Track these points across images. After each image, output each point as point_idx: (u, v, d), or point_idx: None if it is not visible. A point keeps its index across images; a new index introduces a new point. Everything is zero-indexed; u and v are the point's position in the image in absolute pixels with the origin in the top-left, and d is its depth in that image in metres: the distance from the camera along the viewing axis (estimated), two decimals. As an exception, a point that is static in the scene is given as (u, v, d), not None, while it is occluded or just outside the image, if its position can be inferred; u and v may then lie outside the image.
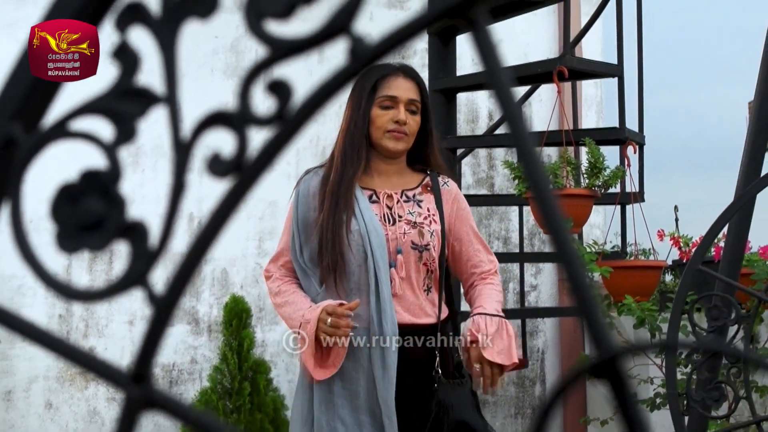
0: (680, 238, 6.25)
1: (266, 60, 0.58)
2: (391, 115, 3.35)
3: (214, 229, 0.58)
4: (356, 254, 3.32)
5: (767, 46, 3.52)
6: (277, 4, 0.59)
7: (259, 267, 6.43)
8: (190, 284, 0.61)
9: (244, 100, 0.59)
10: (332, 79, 0.56)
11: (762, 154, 3.61)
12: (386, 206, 3.41)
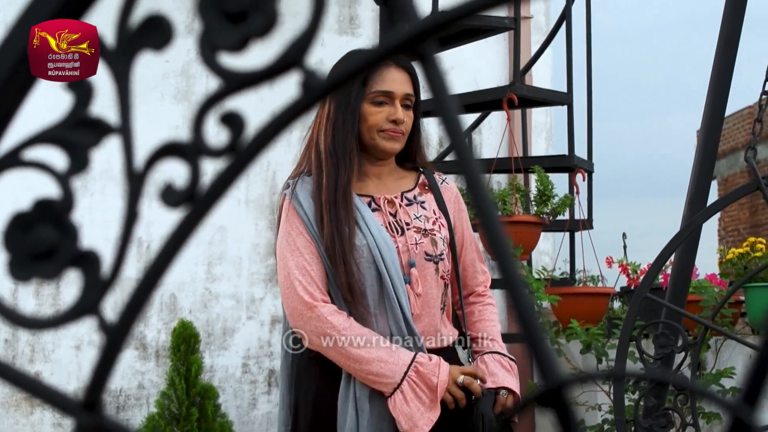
0: (628, 265, 6.30)
1: (219, 92, 0.59)
2: (386, 113, 2.98)
3: (165, 260, 0.58)
4: (366, 272, 2.91)
5: (713, 76, 3.56)
6: (231, 37, 0.59)
7: (208, 292, 6.41)
8: (141, 313, 0.61)
9: (197, 131, 0.60)
10: (285, 112, 0.57)
11: (708, 182, 3.65)
12: (389, 213, 3.02)
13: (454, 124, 0.54)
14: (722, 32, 3.53)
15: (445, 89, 0.55)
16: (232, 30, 0.60)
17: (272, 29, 0.61)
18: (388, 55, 0.54)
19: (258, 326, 6.48)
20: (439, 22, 0.54)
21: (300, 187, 3.00)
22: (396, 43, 0.53)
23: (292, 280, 2.91)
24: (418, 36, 0.54)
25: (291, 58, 0.58)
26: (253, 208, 6.58)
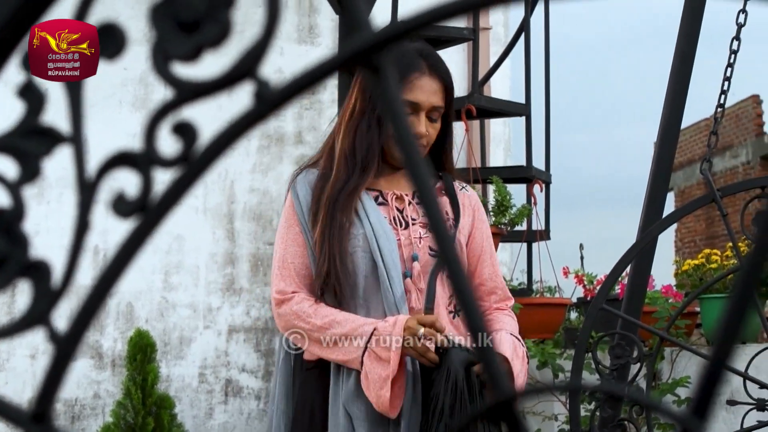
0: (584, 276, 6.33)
1: (172, 102, 0.59)
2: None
3: (116, 270, 0.58)
4: (361, 263, 2.78)
5: (669, 90, 3.59)
6: (184, 47, 0.59)
7: (165, 301, 6.38)
8: (92, 323, 0.61)
9: (149, 141, 0.59)
10: (237, 123, 0.56)
11: (664, 194, 3.68)
12: (396, 209, 2.89)
13: (406, 135, 0.54)
14: (678, 47, 3.56)
15: (398, 101, 0.55)
16: (185, 39, 0.59)
17: (226, 39, 0.60)
18: (341, 66, 0.54)
19: (215, 336, 6.46)
20: (393, 33, 0.54)
21: (303, 178, 2.93)
22: (349, 54, 0.53)
23: (272, 274, 2.91)
24: (371, 47, 0.54)
25: (244, 68, 0.57)
26: (211, 216, 6.56)
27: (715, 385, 0.54)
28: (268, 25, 0.58)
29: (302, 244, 2.86)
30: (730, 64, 3.49)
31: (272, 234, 6.64)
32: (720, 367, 0.54)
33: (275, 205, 6.67)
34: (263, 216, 6.64)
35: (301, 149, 6.78)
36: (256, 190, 6.65)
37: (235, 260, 6.57)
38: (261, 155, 6.69)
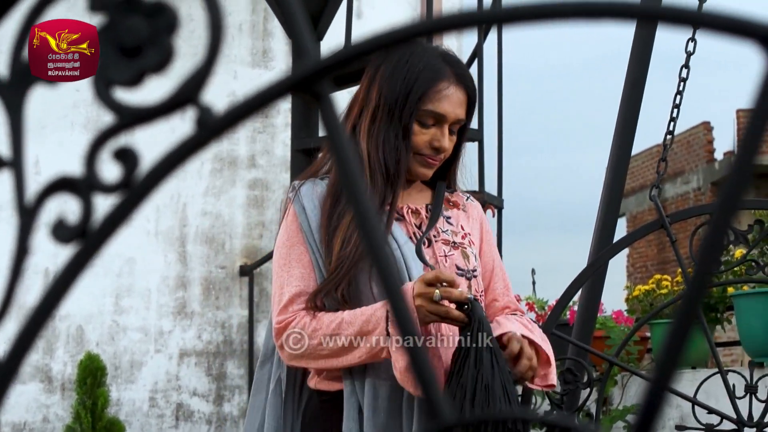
0: (535, 302, 6.35)
1: (113, 127, 0.58)
2: (431, 137, 2.56)
3: (55, 297, 0.57)
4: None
5: (620, 116, 3.61)
6: (126, 72, 0.59)
7: (116, 324, 6.34)
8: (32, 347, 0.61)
9: (90, 166, 0.59)
10: (179, 149, 0.56)
11: (614, 220, 3.70)
12: (413, 224, 2.62)
13: (347, 162, 0.54)
14: (629, 74, 3.59)
15: (339, 128, 0.55)
16: (127, 65, 0.59)
17: (168, 65, 0.60)
18: (284, 92, 0.54)
19: (166, 360, 6.42)
20: (333, 61, 0.54)
21: (309, 189, 2.59)
22: (289, 83, 0.53)
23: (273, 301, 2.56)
24: (312, 75, 0.54)
25: (186, 94, 0.57)
26: (163, 239, 6.52)
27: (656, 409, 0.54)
28: (210, 53, 0.58)
29: (308, 265, 2.52)
30: (680, 91, 3.52)
31: (224, 257, 6.62)
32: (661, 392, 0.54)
33: (228, 228, 6.65)
34: (216, 239, 6.62)
35: (254, 173, 6.76)
36: (209, 214, 6.63)
37: (187, 284, 6.54)
38: (214, 178, 6.68)
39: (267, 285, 6.70)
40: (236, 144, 6.75)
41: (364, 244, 0.54)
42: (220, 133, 0.57)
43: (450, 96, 2.58)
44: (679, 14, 0.52)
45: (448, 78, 2.59)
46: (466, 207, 2.77)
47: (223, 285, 6.61)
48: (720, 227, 0.51)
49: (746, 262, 3.49)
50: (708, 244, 0.52)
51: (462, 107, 2.61)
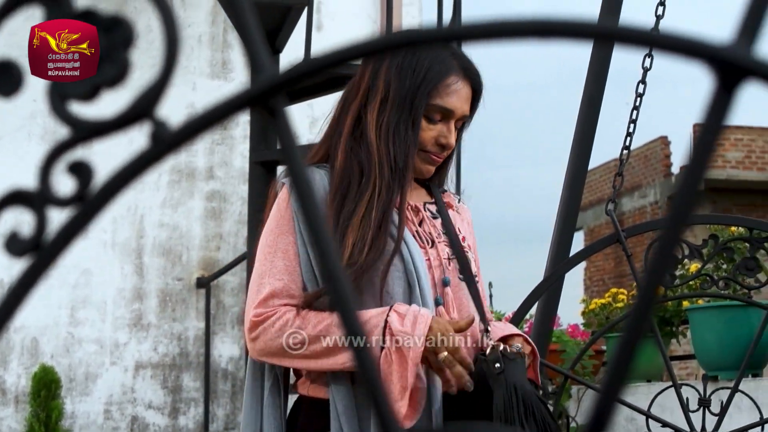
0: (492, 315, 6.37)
1: (68, 141, 0.59)
2: (437, 133, 2.44)
3: (9, 309, 0.57)
4: (396, 285, 2.32)
5: (577, 132, 3.64)
6: (81, 86, 0.59)
7: (71, 336, 6.30)
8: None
9: (44, 180, 0.59)
10: (133, 163, 0.56)
11: (571, 233, 3.72)
12: (414, 223, 2.46)
13: (301, 178, 0.55)
14: (586, 91, 3.61)
15: (294, 144, 0.55)
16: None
17: (124, 79, 0.60)
18: (238, 108, 0.54)
19: (121, 372, 6.38)
20: (288, 77, 0.54)
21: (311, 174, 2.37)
22: (243, 99, 0.54)
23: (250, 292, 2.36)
24: (267, 91, 0.54)
25: (141, 109, 0.57)
26: (120, 251, 6.50)
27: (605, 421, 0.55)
28: (165, 67, 0.58)
29: (294, 258, 2.34)
30: (636, 106, 3.55)
31: (181, 269, 6.60)
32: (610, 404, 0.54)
33: (185, 240, 6.63)
34: (173, 251, 6.59)
35: (212, 184, 6.75)
36: (166, 225, 6.61)
37: (143, 295, 6.51)
38: (171, 190, 6.66)
39: (224, 297, 6.68)
40: (194, 155, 6.74)
41: (319, 264, 0.54)
42: (175, 148, 0.57)
43: (459, 91, 2.47)
44: (634, 34, 0.52)
45: (457, 72, 2.47)
46: (459, 209, 2.64)
47: (180, 297, 6.59)
48: (668, 243, 0.52)
49: (701, 276, 3.52)
50: (656, 259, 0.52)
51: (468, 102, 2.49)
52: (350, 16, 7.37)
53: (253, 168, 4.99)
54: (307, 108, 6.94)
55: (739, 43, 0.51)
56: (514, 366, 2.24)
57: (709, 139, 0.52)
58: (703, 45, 0.50)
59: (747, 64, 0.50)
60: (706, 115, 0.52)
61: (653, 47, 0.53)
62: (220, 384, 6.60)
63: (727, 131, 11.15)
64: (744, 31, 0.52)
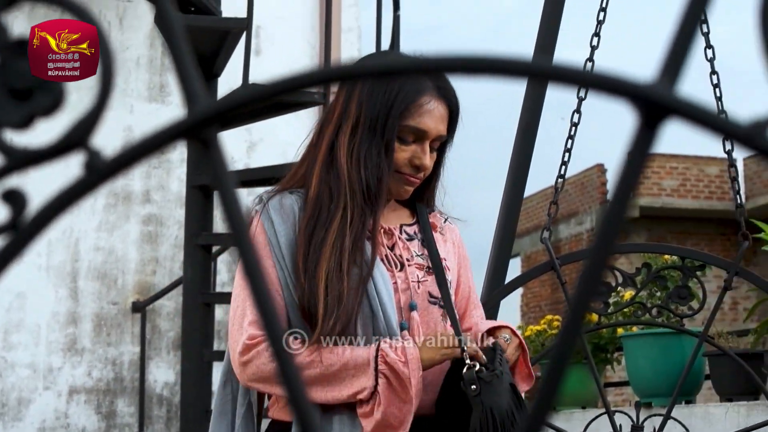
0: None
1: (1, 170, 0.59)
2: (410, 154, 2.40)
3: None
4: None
5: (513, 159, 3.66)
6: (15, 115, 0.59)
7: (4, 360, 6.22)
8: None
9: (-24, 208, 0.59)
10: (67, 192, 0.57)
11: (506, 260, 3.74)
12: (386, 246, 2.43)
13: (233, 209, 0.55)
14: (522, 118, 3.64)
15: (227, 175, 0.56)
16: (17, 107, 0.60)
17: (58, 108, 0.61)
18: (171, 140, 0.55)
19: (55, 397, 6.32)
20: (221, 108, 0.55)
21: (277, 203, 2.39)
22: (176, 131, 0.54)
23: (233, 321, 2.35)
24: (200, 123, 0.55)
25: (75, 138, 0.58)
26: (54, 275, 6.44)
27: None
28: (100, 96, 0.59)
29: (274, 282, 2.33)
30: (571, 135, 3.59)
31: (116, 293, 6.55)
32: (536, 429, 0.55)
33: (120, 264, 6.58)
34: (108, 275, 6.55)
35: (149, 208, 6.72)
36: (102, 249, 6.56)
37: (77, 319, 6.45)
38: (107, 213, 6.61)
39: (160, 322, 6.64)
40: (131, 179, 6.70)
41: (250, 290, 0.54)
42: (109, 178, 0.57)
43: (432, 111, 2.41)
44: (564, 73, 0.54)
45: (430, 92, 2.42)
46: (444, 230, 2.59)
47: (115, 321, 6.54)
48: (592, 273, 0.53)
49: (634, 304, 3.56)
50: (580, 289, 0.54)
51: (444, 123, 2.44)
52: (289, 41, 7.38)
53: (190, 192, 4.97)
54: (246, 132, 6.93)
55: (662, 81, 0.53)
56: (491, 387, 2.22)
57: (633, 174, 0.54)
58: (627, 83, 0.52)
59: (668, 102, 0.51)
60: (630, 150, 0.53)
61: (581, 86, 0.54)
62: (155, 409, 6.55)
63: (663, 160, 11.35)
64: (666, 69, 0.53)
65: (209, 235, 4.96)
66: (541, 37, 3.69)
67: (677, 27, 0.53)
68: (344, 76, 0.57)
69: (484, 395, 2.21)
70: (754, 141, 0.51)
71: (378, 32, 5.39)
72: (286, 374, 0.56)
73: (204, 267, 4.89)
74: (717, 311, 3.30)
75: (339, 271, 2.26)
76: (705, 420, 4.68)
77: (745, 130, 0.51)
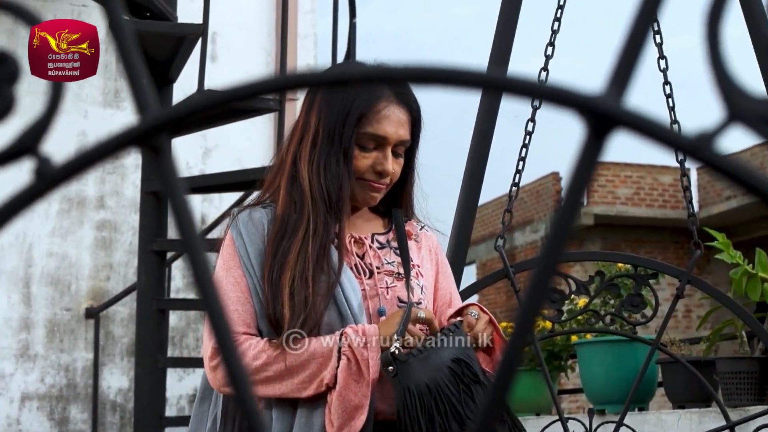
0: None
1: (-50, 176, 0.59)
2: (372, 160, 2.43)
3: None
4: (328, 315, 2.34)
5: (468, 165, 3.67)
6: (-35, 121, 0.59)
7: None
8: None
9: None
10: (15, 199, 0.56)
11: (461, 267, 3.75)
12: (356, 254, 2.47)
13: (183, 217, 0.55)
14: (477, 125, 3.66)
15: (177, 182, 0.56)
16: None
17: (8, 115, 0.61)
18: (121, 147, 0.55)
19: (7, 403, 6.26)
20: (171, 116, 0.55)
21: (246, 216, 2.44)
22: (126, 139, 0.54)
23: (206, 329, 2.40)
24: (150, 130, 0.55)
25: (25, 145, 0.58)
26: (6, 280, 6.39)
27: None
28: (51, 102, 0.59)
29: (245, 290, 2.37)
30: (525, 144, 3.61)
31: (70, 299, 6.51)
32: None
33: (74, 270, 6.54)
34: (62, 281, 6.50)
35: (103, 214, 6.68)
36: (55, 255, 6.52)
37: (30, 325, 6.40)
38: (61, 219, 6.57)
39: (114, 328, 6.61)
40: (85, 184, 6.66)
41: (199, 296, 0.55)
42: (59, 184, 0.57)
43: (390, 116, 2.43)
44: (516, 85, 0.54)
45: (387, 98, 2.44)
46: (419, 237, 2.61)
47: (68, 327, 6.49)
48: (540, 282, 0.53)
49: (588, 311, 3.58)
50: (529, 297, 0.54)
51: (404, 127, 2.46)
52: (245, 48, 7.36)
53: (144, 198, 4.95)
54: (201, 138, 6.91)
55: (610, 93, 0.53)
56: (408, 367, 2.24)
57: (581, 183, 0.54)
58: (576, 95, 0.53)
59: (615, 114, 0.52)
60: (577, 159, 0.54)
61: (533, 97, 0.55)
62: (108, 416, 6.51)
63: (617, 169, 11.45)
64: (615, 81, 0.54)
65: (163, 241, 4.94)
66: (496, 46, 3.70)
67: (625, 39, 0.54)
68: (299, 84, 0.57)
69: (401, 375, 2.24)
70: (700, 153, 0.51)
71: (334, 39, 5.39)
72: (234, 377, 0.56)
73: (158, 273, 4.87)
74: (669, 319, 3.33)
75: (303, 278, 2.29)
76: (657, 427, 4.71)
77: (691, 143, 0.52)
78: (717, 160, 0.51)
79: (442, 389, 2.25)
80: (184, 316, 6.81)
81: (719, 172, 0.51)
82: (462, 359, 2.30)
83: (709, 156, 0.51)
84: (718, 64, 0.53)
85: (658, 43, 3.61)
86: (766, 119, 0.51)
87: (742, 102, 0.52)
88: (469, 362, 2.31)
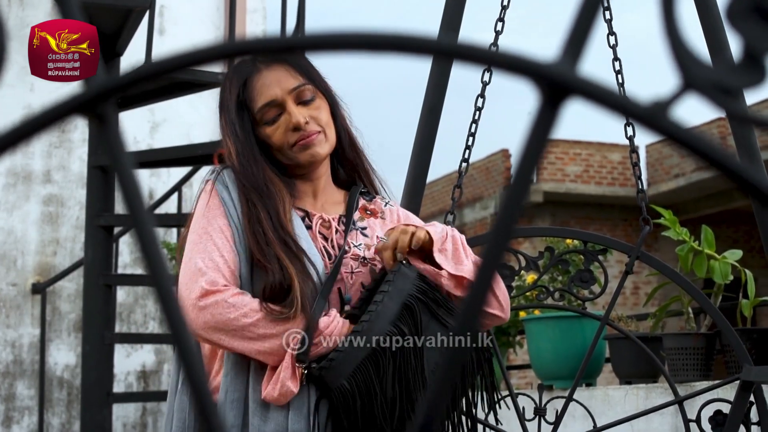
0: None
1: None
2: (284, 125, 2.40)
3: None
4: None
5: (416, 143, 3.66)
6: None
7: None
8: None
9: None
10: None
11: (411, 244, 3.74)
12: (321, 235, 2.44)
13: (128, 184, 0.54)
14: (426, 100, 3.64)
15: (122, 151, 0.55)
16: None
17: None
18: (65, 115, 0.53)
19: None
20: (115, 84, 0.53)
21: (230, 174, 2.42)
22: (70, 106, 0.53)
23: (188, 270, 2.30)
24: (95, 97, 0.53)
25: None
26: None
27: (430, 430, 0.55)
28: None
29: (230, 238, 2.33)
30: (475, 120, 3.60)
31: (16, 275, 6.45)
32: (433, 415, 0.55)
33: (20, 245, 6.48)
34: (7, 256, 6.44)
35: (50, 188, 6.62)
36: (1, 229, 6.46)
37: (-25, 301, 6.35)
38: (6, 193, 6.51)
39: (60, 304, 6.56)
40: (31, 158, 6.60)
41: (147, 270, 0.53)
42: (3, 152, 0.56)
43: (263, 80, 2.43)
44: (469, 52, 0.53)
45: (256, 70, 2.44)
46: (384, 214, 2.58)
47: (14, 303, 6.44)
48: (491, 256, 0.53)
49: (537, 287, 3.59)
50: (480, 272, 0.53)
51: (289, 78, 2.44)
52: (194, 21, 7.31)
53: (91, 172, 4.91)
54: (148, 113, 6.86)
55: (564, 60, 0.53)
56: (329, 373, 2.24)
57: (535, 152, 0.53)
58: (529, 62, 0.52)
59: (570, 81, 0.51)
60: (531, 129, 0.53)
61: (485, 64, 0.54)
62: (55, 392, 6.47)
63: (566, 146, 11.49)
64: (568, 49, 0.53)
65: (111, 216, 4.91)
66: (447, 17, 3.69)
67: (578, 6, 0.53)
68: (242, 51, 0.56)
69: (329, 381, 2.23)
70: (655, 121, 0.51)
71: (283, 13, 5.36)
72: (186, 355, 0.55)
73: (105, 248, 4.84)
74: (618, 295, 3.34)
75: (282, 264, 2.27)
76: (605, 402, 4.75)
77: (647, 110, 0.51)
78: (672, 128, 0.50)
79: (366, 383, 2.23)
80: (131, 292, 6.77)
81: (674, 141, 0.50)
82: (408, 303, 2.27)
83: (665, 124, 0.50)
84: (673, 31, 0.52)
85: (608, 19, 3.62)
86: (720, 87, 0.51)
87: (697, 70, 0.51)
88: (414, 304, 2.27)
